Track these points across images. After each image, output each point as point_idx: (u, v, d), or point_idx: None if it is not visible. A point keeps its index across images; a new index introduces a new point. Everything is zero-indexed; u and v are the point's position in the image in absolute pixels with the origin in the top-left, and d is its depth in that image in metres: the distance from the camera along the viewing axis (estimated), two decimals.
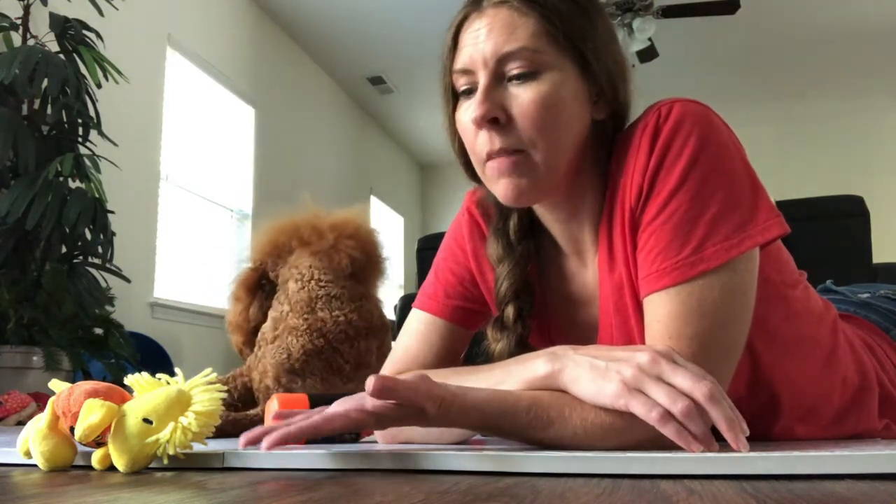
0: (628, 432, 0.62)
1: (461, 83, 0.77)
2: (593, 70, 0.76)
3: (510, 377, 0.68)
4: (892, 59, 5.68)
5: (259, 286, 1.61)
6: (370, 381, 0.59)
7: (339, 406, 0.65)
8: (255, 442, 0.63)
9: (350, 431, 0.64)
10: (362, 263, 1.59)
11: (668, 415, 0.58)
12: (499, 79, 0.74)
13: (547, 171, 0.74)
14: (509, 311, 0.82)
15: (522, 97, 0.73)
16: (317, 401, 0.94)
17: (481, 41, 0.75)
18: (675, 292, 0.68)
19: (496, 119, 0.73)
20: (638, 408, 0.59)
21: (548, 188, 0.76)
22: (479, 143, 0.76)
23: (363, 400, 0.62)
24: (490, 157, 0.75)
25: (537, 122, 0.73)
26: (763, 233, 0.68)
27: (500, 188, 0.76)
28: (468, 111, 0.76)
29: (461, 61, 0.77)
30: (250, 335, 1.59)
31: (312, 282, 1.51)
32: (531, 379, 0.66)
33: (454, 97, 0.79)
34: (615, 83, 0.78)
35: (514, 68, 0.73)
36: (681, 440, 0.57)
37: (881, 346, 0.93)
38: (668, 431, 0.58)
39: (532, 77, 0.73)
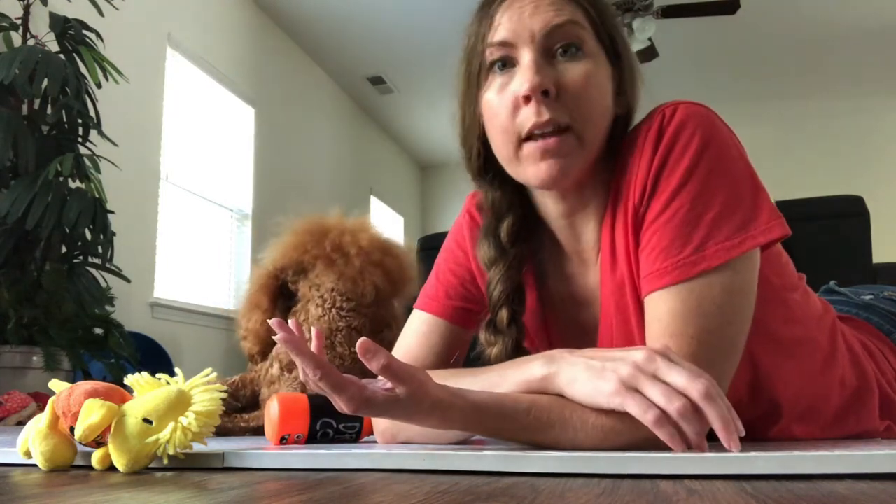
0: (628, 434, 0.62)
1: (496, 55, 0.75)
2: (622, 64, 0.78)
3: (506, 380, 0.68)
4: (892, 59, 5.67)
5: (280, 294, 1.57)
6: (361, 342, 0.57)
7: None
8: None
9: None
10: (387, 293, 1.55)
11: (663, 417, 0.57)
12: (545, 54, 0.74)
13: (586, 151, 0.74)
14: (502, 314, 0.81)
15: (573, 72, 0.73)
16: (316, 401, 0.95)
17: (527, 16, 0.74)
18: (676, 291, 0.68)
19: (546, 92, 0.72)
20: (633, 408, 0.58)
21: (581, 171, 0.75)
22: (521, 118, 0.73)
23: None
24: (532, 135, 0.73)
25: (586, 97, 0.73)
26: (765, 234, 0.68)
27: (542, 169, 0.73)
28: (509, 86, 0.74)
29: (501, 35, 0.75)
30: (268, 346, 1.53)
31: (334, 310, 1.48)
32: (527, 381, 0.66)
33: (478, 78, 0.77)
34: (634, 81, 0.79)
35: (563, 42, 0.73)
36: (674, 444, 0.57)
37: (881, 349, 0.93)
38: (663, 434, 0.57)
39: (580, 55, 0.74)
